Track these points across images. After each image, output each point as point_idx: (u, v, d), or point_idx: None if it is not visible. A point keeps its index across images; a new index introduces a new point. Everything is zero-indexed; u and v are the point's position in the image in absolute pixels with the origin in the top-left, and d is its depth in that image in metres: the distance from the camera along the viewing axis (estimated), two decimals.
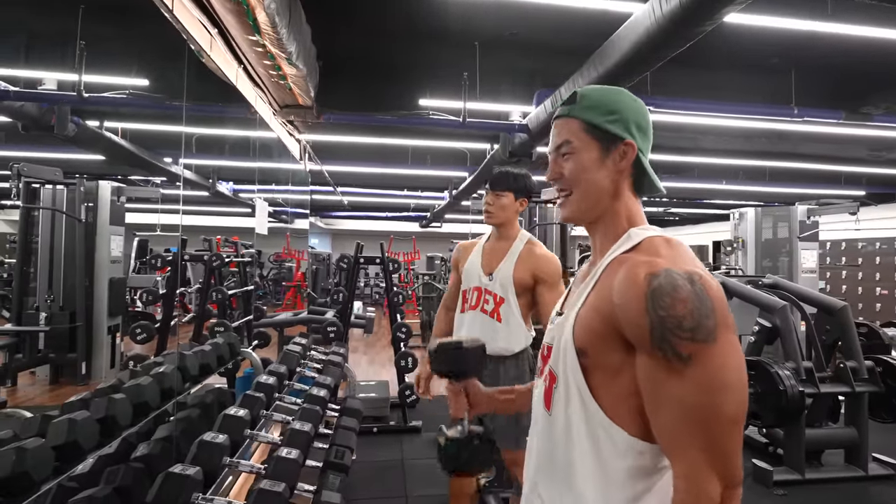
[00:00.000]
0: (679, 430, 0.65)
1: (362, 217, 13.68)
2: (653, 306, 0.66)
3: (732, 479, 0.64)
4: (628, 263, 0.72)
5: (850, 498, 2.86)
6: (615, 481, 0.71)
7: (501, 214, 1.86)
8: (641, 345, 0.67)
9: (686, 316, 0.64)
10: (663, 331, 0.64)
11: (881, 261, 7.95)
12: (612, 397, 0.72)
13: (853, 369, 3.11)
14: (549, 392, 0.80)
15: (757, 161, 6.44)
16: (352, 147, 6.53)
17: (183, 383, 2.39)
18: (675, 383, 0.65)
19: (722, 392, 0.64)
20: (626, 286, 0.69)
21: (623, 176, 0.81)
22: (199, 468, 1.29)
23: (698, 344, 0.64)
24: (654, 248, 0.74)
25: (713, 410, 0.64)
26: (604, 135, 0.80)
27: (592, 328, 0.73)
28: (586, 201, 0.82)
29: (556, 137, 0.84)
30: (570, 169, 0.82)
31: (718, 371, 0.64)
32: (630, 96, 0.83)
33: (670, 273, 0.67)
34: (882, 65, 3.95)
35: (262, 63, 2.73)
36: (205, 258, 3.55)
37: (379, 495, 2.78)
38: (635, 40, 2.42)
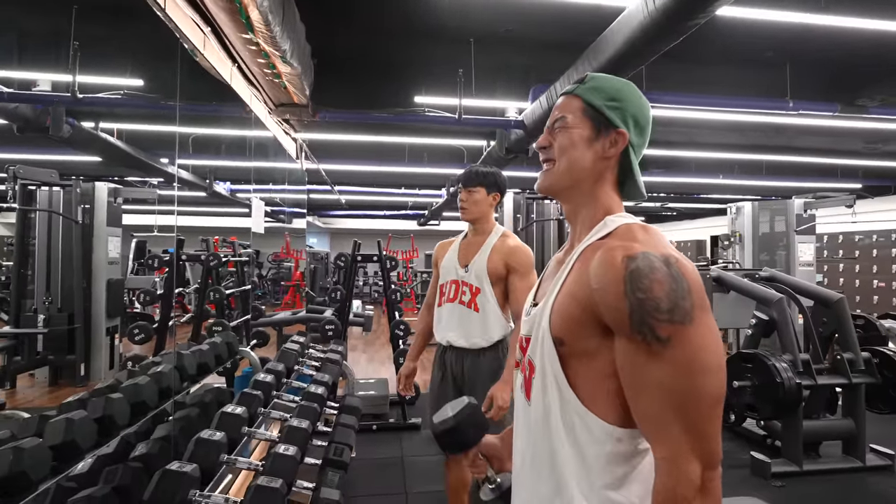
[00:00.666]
0: (659, 414, 0.65)
1: (360, 216, 13.67)
2: (631, 289, 0.66)
3: (711, 459, 0.65)
4: (604, 248, 0.73)
5: (848, 489, 2.87)
6: (595, 467, 0.72)
7: (475, 209, 1.93)
8: (620, 329, 0.68)
9: (663, 297, 0.65)
10: (642, 313, 0.65)
11: (878, 253, 7.97)
12: (589, 384, 0.73)
13: (850, 361, 3.12)
14: (528, 382, 0.81)
15: (753, 155, 6.45)
16: (348, 145, 6.52)
17: (181, 383, 2.40)
18: (654, 366, 0.65)
19: (701, 374, 0.64)
20: (603, 270, 0.70)
21: (608, 164, 0.82)
22: (196, 465, 1.30)
23: (676, 325, 0.64)
24: (631, 233, 0.75)
25: (693, 392, 0.64)
26: (599, 117, 0.80)
27: (569, 315, 0.74)
28: (567, 175, 0.82)
29: (555, 112, 0.85)
30: (559, 140, 0.82)
31: (697, 353, 0.64)
32: (637, 92, 0.84)
33: (647, 255, 0.68)
34: (876, 57, 3.95)
35: (256, 61, 2.72)
36: (202, 258, 3.55)
37: (379, 492, 2.79)
38: (629, 34, 2.42)
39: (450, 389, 1.99)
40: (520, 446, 0.84)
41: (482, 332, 1.92)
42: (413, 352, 2.15)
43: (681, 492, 0.63)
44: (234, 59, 2.69)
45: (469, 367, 1.94)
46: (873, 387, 3.12)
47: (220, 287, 3.62)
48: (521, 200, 4.99)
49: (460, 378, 1.97)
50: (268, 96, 3.51)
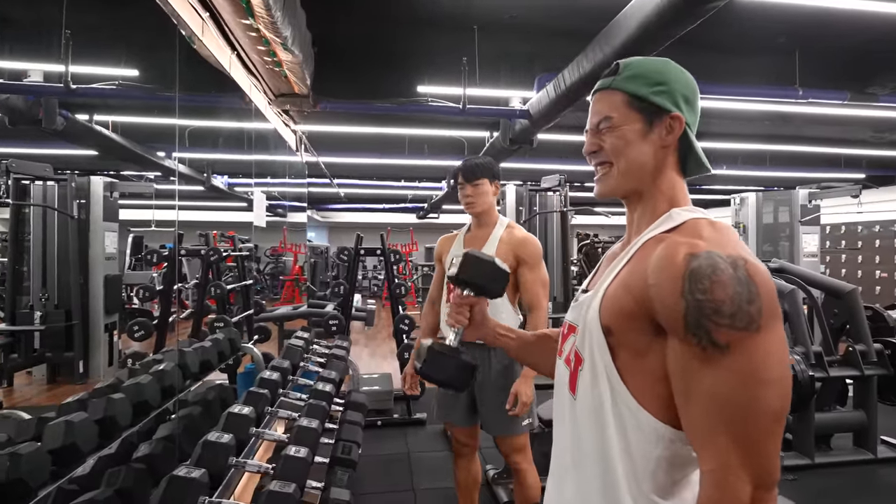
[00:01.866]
0: (710, 424, 0.60)
1: (359, 209, 13.59)
2: (689, 289, 0.61)
3: (767, 479, 0.59)
4: (666, 242, 0.67)
5: (860, 481, 2.84)
6: (644, 470, 0.67)
7: (484, 201, 1.88)
8: (674, 330, 0.62)
9: (725, 301, 0.59)
10: (699, 316, 0.59)
11: (881, 244, 7.95)
12: (640, 379, 0.68)
13: (862, 352, 3.08)
14: (574, 375, 0.76)
15: (758, 145, 6.39)
16: (348, 137, 6.43)
17: (183, 381, 2.34)
18: (708, 373, 0.60)
19: (763, 386, 0.58)
20: (662, 266, 0.65)
21: (668, 152, 0.76)
22: (204, 470, 1.24)
23: (738, 332, 0.58)
24: (697, 229, 0.68)
25: (750, 405, 0.58)
26: (649, 107, 0.74)
27: (621, 307, 0.69)
28: (627, 176, 0.76)
29: (594, 113, 0.78)
30: (609, 142, 0.76)
31: (760, 364, 0.58)
32: (677, 67, 0.78)
33: (711, 255, 0.62)
34: (888, 43, 3.88)
35: (257, 49, 2.63)
36: (202, 253, 3.48)
37: (386, 489, 2.75)
38: (643, 19, 2.34)
39: None
40: (561, 444, 0.80)
41: None
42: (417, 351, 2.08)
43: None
44: (234, 46, 2.60)
45: (480, 362, 1.89)
46: (885, 378, 3.09)
47: (221, 282, 3.55)
48: (524, 192, 4.93)
49: None
50: (267, 86, 3.42)
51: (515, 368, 1.89)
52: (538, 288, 1.88)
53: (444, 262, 2.03)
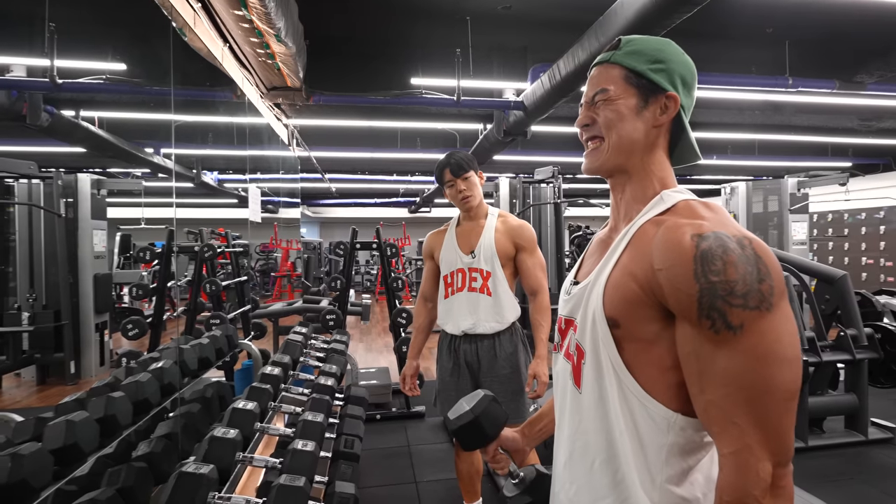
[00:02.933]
0: (726, 407, 0.59)
1: (350, 204, 13.52)
2: (703, 270, 0.60)
3: (785, 457, 0.59)
4: (668, 225, 0.66)
5: (851, 463, 2.90)
6: (656, 460, 0.67)
7: (477, 193, 1.90)
8: (686, 314, 0.61)
9: (738, 281, 0.58)
10: (713, 297, 0.59)
11: (866, 231, 8.09)
12: (648, 370, 0.67)
13: (853, 337, 3.14)
14: (577, 368, 0.74)
15: (746, 134, 6.45)
16: (339, 132, 6.37)
17: (182, 378, 2.31)
18: (723, 355, 0.59)
19: (777, 365, 0.58)
20: (668, 249, 0.63)
21: (660, 132, 0.75)
22: (213, 466, 1.22)
23: (751, 311, 0.58)
24: (694, 210, 0.68)
25: (766, 385, 0.58)
26: (646, 83, 0.73)
27: (626, 296, 0.67)
28: (617, 152, 0.74)
29: (591, 86, 0.77)
30: (603, 115, 0.75)
31: (773, 343, 0.58)
32: (678, 48, 0.76)
33: (719, 235, 0.61)
34: (875, 31, 3.93)
35: (249, 41, 2.59)
36: (196, 249, 3.43)
37: (389, 482, 2.75)
38: (640, 8, 2.34)
39: (465, 378, 1.94)
40: (567, 437, 0.78)
41: (497, 315, 1.88)
42: (414, 350, 2.08)
43: (750, 490, 0.58)
44: (226, 38, 2.55)
45: (485, 353, 1.89)
46: (875, 362, 3.15)
47: (216, 279, 3.51)
48: (518, 184, 4.93)
49: (475, 364, 1.92)
50: (259, 79, 3.37)
51: (520, 356, 1.89)
52: (538, 272, 1.89)
53: (435, 257, 2.01)
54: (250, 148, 3.76)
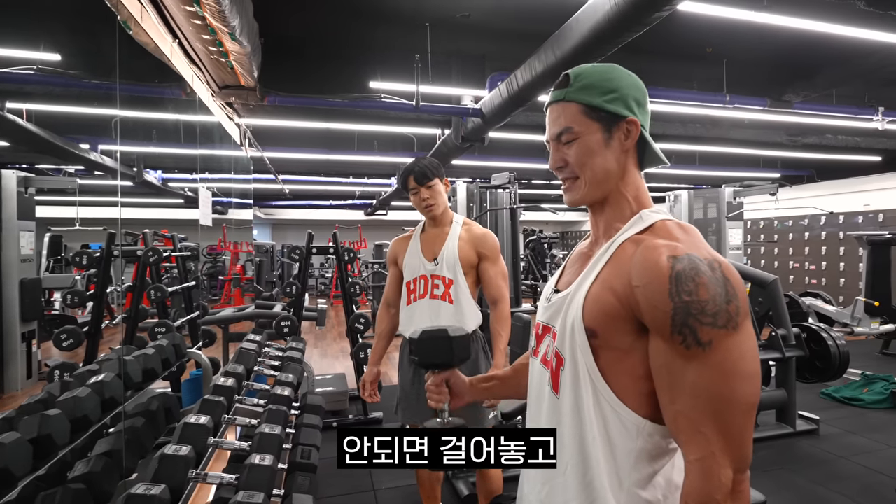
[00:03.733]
0: (695, 417, 0.64)
1: (305, 206, 13.18)
2: (677, 290, 0.64)
3: (744, 464, 0.65)
4: (646, 245, 0.71)
5: (782, 453, 3.13)
6: (625, 465, 0.71)
7: (441, 200, 1.89)
8: (660, 329, 0.66)
9: (709, 301, 0.63)
10: (685, 315, 0.63)
11: (793, 237, 8.78)
12: (622, 378, 0.71)
13: (783, 336, 3.39)
14: (556, 375, 0.78)
15: (689, 146, 6.84)
16: (293, 132, 6.21)
17: (124, 391, 2.18)
18: (692, 369, 0.64)
19: (740, 380, 0.64)
20: (646, 268, 0.68)
21: (628, 155, 0.79)
22: (164, 486, 1.16)
23: (719, 330, 0.63)
24: (670, 231, 0.73)
25: (730, 398, 0.63)
26: (605, 115, 0.77)
27: (604, 308, 0.71)
28: (594, 186, 0.79)
29: (553, 125, 0.80)
30: (574, 155, 0.78)
31: (738, 359, 0.64)
32: (624, 71, 0.81)
33: (692, 258, 0.66)
34: (801, 56, 4.29)
35: (201, 38, 2.48)
36: (139, 253, 3.24)
37: (346, 491, 2.70)
38: (594, 25, 2.44)
39: (424, 385, 1.94)
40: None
41: (458, 323, 1.88)
42: (375, 356, 2.06)
43: (713, 494, 0.63)
44: (176, 34, 2.43)
45: None
46: (801, 359, 3.42)
47: (161, 285, 3.32)
48: (475, 190, 4.99)
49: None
50: (211, 77, 3.23)
51: (481, 363, 1.91)
52: (500, 281, 1.91)
53: (399, 263, 2.00)
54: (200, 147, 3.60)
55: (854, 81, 4.62)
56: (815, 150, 6.76)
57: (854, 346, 5.54)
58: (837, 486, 2.65)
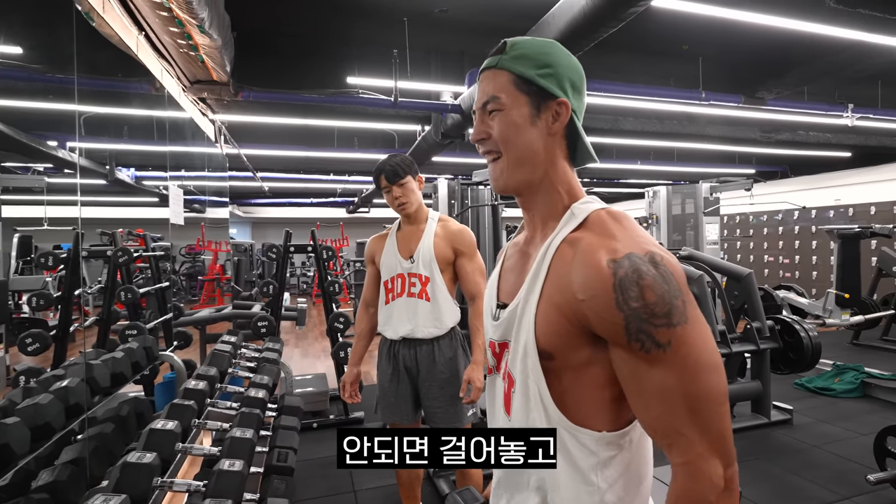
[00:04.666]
0: (672, 420, 0.62)
1: (285, 204, 12.99)
2: (623, 298, 0.62)
3: (731, 456, 0.63)
4: (582, 248, 0.67)
5: (758, 443, 3.20)
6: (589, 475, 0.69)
7: (414, 199, 1.88)
8: (616, 340, 0.64)
9: (658, 303, 0.61)
10: (639, 322, 0.61)
11: (768, 231, 8.98)
12: (578, 398, 0.69)
13: (758, 329, 3.46)
14: (507, 396, 0.75)
15: (667, 142, 6.93)
16: (271, 129, 6.10)
17: (92, 397, 2.11)
18: (658, 372, 0.62)
19: (706, 372, 0.62)
20: (587, 278, 0.64)
21: (556, 140, 0.74)
22: (125, 496, 1.12)
23: (674, 328, 0.61)
24: (604, 226, 0.69)
25: (701, 393, 0.61)
26: (536, 90, 0.71)
27: (556, 330, 0.68)
28: (517, 166, 0.74)
29: (482, 92, 0.75)
30: (498, 128, 0.73)
31: (699, 351, 0.62)
32: (564, 50, 0.75)
33: (633, 258, 0.63)
34: (773, 54, 4.37)
35: (169, 30, 2.40)
36: (108, 254, 3.14)
37: (325, 493, 2.67)
38: (570, 20, 2.44)
39: (404, 383, 1.93)
40: None
41: (435, 320, 1.88)
42: (355, 356, 2.04)
43: (706, 495, 0.61)
44: (142, 26, 2.35)
45: (424, 357, 1.89)
46: (776, 351, 3.49)
47: (132, 286, 3.22)
48: (456, 186, 4.97)
49: (414, 370, 1.91)
50: (182, 71, 3.14)
51: (460, 360, 1.90)
52: (477, 276, 1.91)
53: (376, 262, 1.98)
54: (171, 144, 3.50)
55: (824, 79, 4.72)
56: (789, 146, 6.91)
57: (826, 337, 5.70)
58: (810, 475, 2.72)
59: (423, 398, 1.92)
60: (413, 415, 1.96)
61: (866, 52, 3.90)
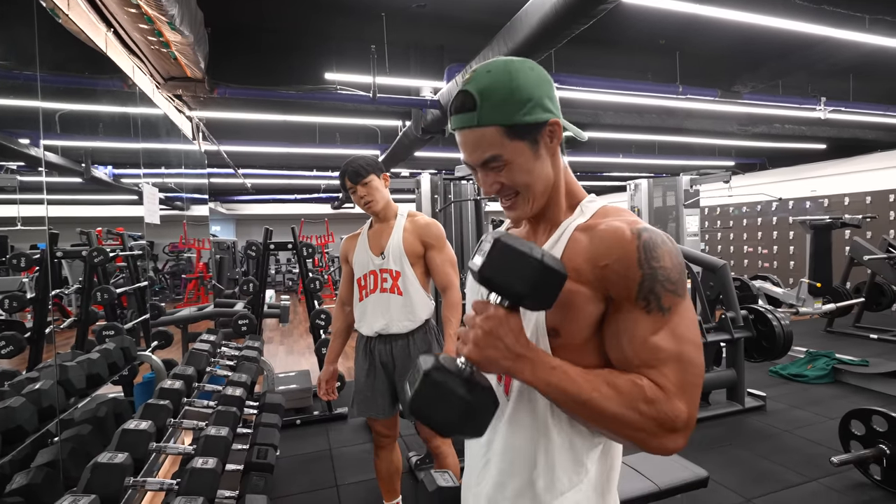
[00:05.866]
0: (655, 362, 0.66)
1: (269, 201, 12.86)
2: (646, 257, 0.67)
3: (692, 414, 0.66)
4: (605, 226, 0.72)
5: (733, 429, 3.29)
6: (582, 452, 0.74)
7: (379, 197, 1.89)
8: (626, 295, 0.68)
9: (672, 269, 0.67)
10: (653, 282, 0.66)
11: (747, 223, 9.14)
12: None
13: (732, 319, 3.54)
14: (508, 378, 0.78)
15: (648, 136, 7.01)
16: (252, 125, 6.04)
17: (67, 399, 2.09)
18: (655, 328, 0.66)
19: (691, 344, 0.67)
20: (613, 242, 0.69)
21: (556, 152, 0.77)
22: (95, 496, 1.12)
23: (677, 297, 0.67)
24: (618, 211, 0.76)
25: (685, 357, 0.66)
26: (528, 128, 0.72)
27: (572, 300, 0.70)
28: (539, 197, 0.77)
29: (474, 153, 0.73)
30: (509, 178, 0.74)
31: (691, 326, 0.68)
32: (525, 67, 0.73)
33: (651, 230, 0.70)
34: (747, 48, 4.44)
35: (138, 27, 2.36)
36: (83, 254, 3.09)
37: (308, 488, 2.69)
38: (542, 17, 2.45)
39: (380, 378, 1.95)
40: (486, 439, 0.81)
41: (409, 314, 1.90)
42: (331, 354, 2.07)
43: (670, 412, 0.64)
44: (111, 23, 2.31)
45: (399, 352, 1.91)
46: (749, 340, 3.58)
47: (108, 286, 3.19)
48: (438, 181, 4.98)
49: (390, 364, 1.93)
50: (154, 68, 3.09)
51: (435, 350, 1.93)
52: (448, 268, 1.93)
53: (350, 261, 2.01)
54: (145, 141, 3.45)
55: (797, 73, 4.82)
56: (765, 139, 7.04)
57: (801, 326, 5.86)
58: (781, 459, 2.81)
59: (400, 392, 1.94)
60: (389, 409, 1.98)
61: (837, 46, 3.99)
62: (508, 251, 0.63)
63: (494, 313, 0.66)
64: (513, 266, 0.63)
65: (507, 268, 0.63)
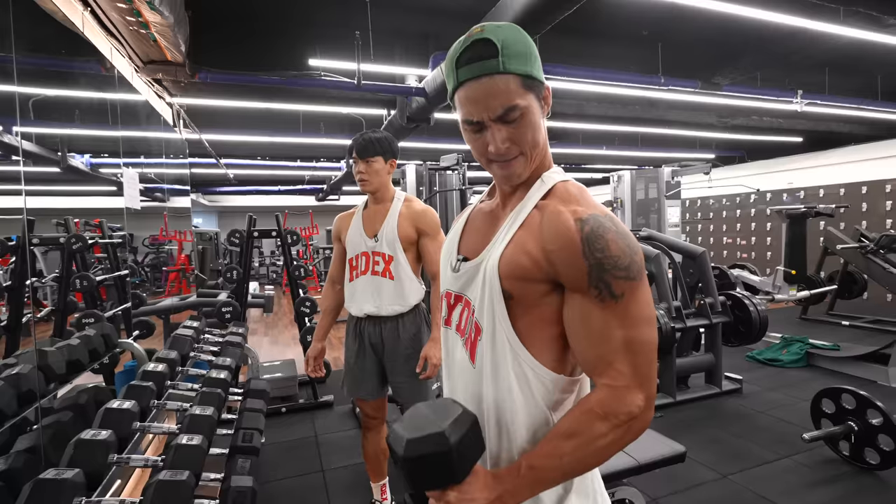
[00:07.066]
0: (610, 357, 0.69)
1: (252, 192, 12.69)
2: (589, 249, 0.68)
3: (650, 396, 0.71)
4: (550, 211, 0.74)
5: (710, 411, 3.38)
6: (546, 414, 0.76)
7: (376, 180, 1.88)
8: (577, 286, 0.70)
9: (620, 255, 0.68)
10: (601, 271, 0.68)
11: (726, 214, 9.33)
12: (533, 334, 0.75)
13: (710, 305, 3.64)
14: (473, 344, 0.80)
15: (631, 127, 7.09)
16: (235, 113, 5.94)
17: (47, 384, 2.06)
18: (607, 318, 0.69)
19: (645, 324, 0.70)
20: (557, 232, 0.71)
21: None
22: (78, 470, 1.12)
23: (630, 281, 0.68)
24: (569, 193, 0.76)
25: (639, 340, 0.69)
26: (537, 84, 0.73)
27: (521, 273, 0.73)
28: (535, 160, 0.77)
29: (494, 102, 0.70)
30: (521, 134, 0.73)
31: (644, 306, 0.70)
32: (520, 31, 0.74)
33: (596, 217, 0.70)
34: (727, 39, 4.51)
35: (116, 6, 2.31)
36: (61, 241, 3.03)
37: (294, 473, 2.70)
38: (526, 2, 2.47)
39: (370, 359, 1.97)
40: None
41: (399, 298, 1.91)
42: (320, 332, 2.07)
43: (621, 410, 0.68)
44: (87, 2, 2.26)
45: (388, 334, 1.93)
46: (727, 325, 3.68)
47: (87, 274, 3.13)
48: (424, 171, 4.98)
49: (379, 346, 1.94)
50: (133, 51, 3.03)
51: (423, 337, 1.95)
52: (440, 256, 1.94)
53: (342, 239, 2.01)
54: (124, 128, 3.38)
55: (775, 65, 4.92)
56: (745, 131, 7.18)
57: (778, 313, 6.03)
58: (755, 437, 2.90)
59: (389, 374, 1.96)
60: (378, 391, 2.00)
61: (813, 39, 4.08)
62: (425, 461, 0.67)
63: (452, 497, 0.69)
64: (424, 474, 0.68)
65: (421, 477, 0.68)
